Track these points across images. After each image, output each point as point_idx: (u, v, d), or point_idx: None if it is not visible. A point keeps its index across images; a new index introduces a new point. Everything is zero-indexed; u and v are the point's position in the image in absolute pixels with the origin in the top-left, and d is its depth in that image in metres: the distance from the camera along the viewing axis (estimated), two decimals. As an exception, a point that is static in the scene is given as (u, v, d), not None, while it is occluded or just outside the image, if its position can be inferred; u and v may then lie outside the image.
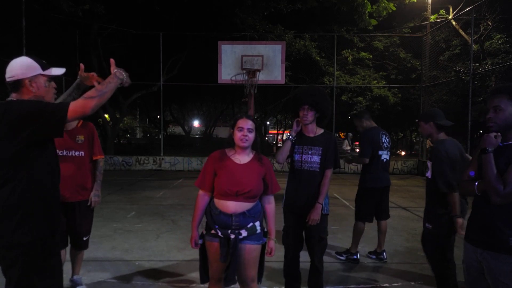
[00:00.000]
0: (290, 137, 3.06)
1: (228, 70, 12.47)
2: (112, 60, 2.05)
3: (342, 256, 4.42)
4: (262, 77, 12.37)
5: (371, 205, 4.35)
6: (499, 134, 2.03)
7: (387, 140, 4.44)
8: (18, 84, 1.91)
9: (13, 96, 1.93)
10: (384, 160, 4.35)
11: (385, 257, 4.42)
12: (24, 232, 1.83)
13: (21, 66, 1.91)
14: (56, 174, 2.02)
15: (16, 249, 1.83)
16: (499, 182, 1.93)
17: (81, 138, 3.20)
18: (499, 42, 16.32)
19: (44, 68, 1.95)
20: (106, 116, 17.91)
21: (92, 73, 2.31)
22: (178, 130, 37.42)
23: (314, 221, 2.92)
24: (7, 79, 1.92)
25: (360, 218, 4.41)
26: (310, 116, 2.97)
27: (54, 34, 13.26)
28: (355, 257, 4.36)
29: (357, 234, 4.40)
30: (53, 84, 2.00)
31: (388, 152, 4.42)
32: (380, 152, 4.31)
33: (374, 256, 4.49)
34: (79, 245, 3.31)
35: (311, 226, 2.94)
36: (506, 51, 16.02)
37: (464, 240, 2.25)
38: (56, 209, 2.03)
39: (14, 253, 1.83)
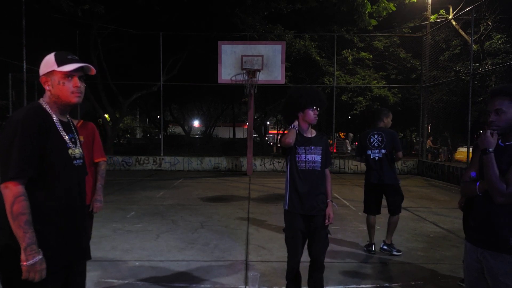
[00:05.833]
0: (294, 126, 2.99)
1: (228, 70, 12.49)
2: None
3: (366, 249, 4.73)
4: (262, 77, 12.39)
5: (367, 198, 4.82)
6: (495, 132, 2.03)
7: (378, 139, 4.70)
8: (41, 83, 1.85)
9: (43, 97, 1.87)
10: (374, 158, 4.69)
11: (373, 249, 4.68)
12: None
13: (43, 62, 1.84)
14: None
15: None
16: (502, 182, 1.94)
17: (80, 138, 3.14)
18: (499, 42, 16.35)
19: (60, 64, 1.81)
20: (106, 116, 17.86)
21: None
22: (178, 130, 37.37)
23: (333, 218, 3.03)
24: None
25: (364, 210, 4.90)
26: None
27: (54, 34, 13.24)
28: (370, 248, 4.70)
29: (367, 226, 4.83)
30: (73, 82, 1.84)
31: (380, 150, 4.68)
32: (369, 152, 4.72)
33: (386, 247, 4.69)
34: None
35: (318, 223, 2.97)
36: (506, 51, 16.04)
37: (464, 239, 2.25)
38: None
39: None
